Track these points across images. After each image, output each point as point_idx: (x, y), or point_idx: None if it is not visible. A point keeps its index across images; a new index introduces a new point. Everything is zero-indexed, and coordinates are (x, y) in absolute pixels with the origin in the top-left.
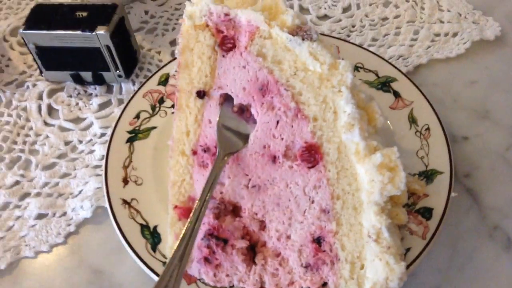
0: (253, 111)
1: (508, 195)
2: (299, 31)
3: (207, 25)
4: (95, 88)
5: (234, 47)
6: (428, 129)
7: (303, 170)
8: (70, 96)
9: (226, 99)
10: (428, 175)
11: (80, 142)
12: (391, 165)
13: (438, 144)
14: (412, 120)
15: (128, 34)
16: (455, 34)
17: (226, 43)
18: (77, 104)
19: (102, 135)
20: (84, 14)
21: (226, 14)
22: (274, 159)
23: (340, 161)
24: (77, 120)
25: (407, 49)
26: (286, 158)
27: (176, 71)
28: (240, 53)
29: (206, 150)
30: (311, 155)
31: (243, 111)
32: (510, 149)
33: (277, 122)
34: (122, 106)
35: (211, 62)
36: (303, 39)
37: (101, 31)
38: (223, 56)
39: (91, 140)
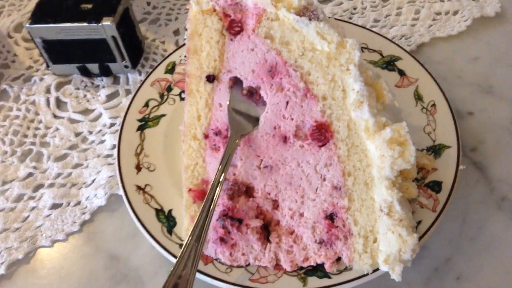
0: (262, 93)
1: None
2: (305, 12)
3: (214, 10)
4: (102, 80)
5: (242, 30)
6: (434, 105)
7: (314, 149)
8: (78, 89)
9: (236, 82)
10: (436, 150)
11: (90, 133)
12: (401, 139)
13: (444, 119)
14: (418, 97)
15: (133, 24)
16: (455, 12)
17: (233, 27)
18: (85, 96)
19: (112, 125)
20: (89, 6)
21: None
22: (285, 139)
23: (350, 138)
24: (86, 112)
25: (409, 28)
26: (297, 138)
27: (185, 56)
28: (248, 36)
29: (217, 133)
30: (321, 133)
31: (253, 93)
32: None
33: (287, 102)
34: (130, 96)
35: (220, 46)
36: (310, 19)
37: (107, 22)
38: (231, 39)
39: (101, 130)
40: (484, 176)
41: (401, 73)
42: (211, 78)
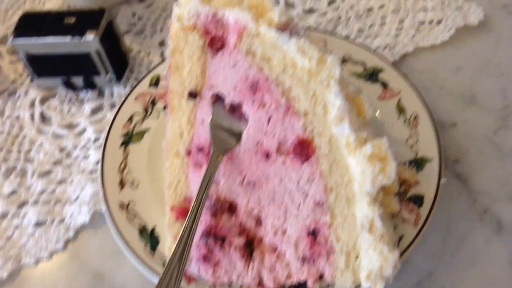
0: (245, 109)
1: (497, 178)
2: (286, 28)
3: (196, 26)
4: (87, 93)
5: (223, 46)
6: (416, 117)
7: (296, 164)
8: (62, 102)
9: (218, 98)
10: (418, 163)
11: (75, 147)
12: (382, 155)
13: (426, 132)
14: (400, 110)
15: (117, 37)
16: (439, 22)
17: (215, 43)
18: (69, 110)
19: (96, 139)
20: (72, 20)
21: (214, 15)
22: (267, 155)
23: (332, 154)
24: (70, 126)
25: (393, 38)
26: (279, 154)
27: (167, 73)
28: (230, 53)
29: (200, 150)
30: (304, 149)
31: (235, 109)
32: (498, 132)
33: (269, 118)
34: (115, 109)
35: (202, 63)
36: (290, 36)
37: (90, 36)
38: (213, 56)
39: (85, 145)
40: (466, 188)
41: (384, 85)
42: (193, 95)
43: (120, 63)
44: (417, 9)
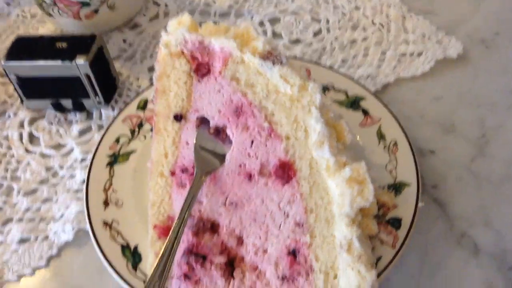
0: (228, 132)
1: (474, 203)
2: (269, 56)
3: (183, 53)
4: (76, 115)
5: (209, 72)
6: (395, 144)
7: (278, 186)
8: (51, 124)
9: (203, 121)
10: (397, 187)
11: (61, 167)
12: (360, 178)
13: (405, 158)
14: (380, 136)
15: (107, 62)
16: (420, 54)
17: (201, 69)
18: (57, 131)
19: (83, 160)
20: (64, 45)
21: (200, 42)
22: (250, 177)
23: (312, 177)
24: (58, 147)
25: (375, 69)
26: (261, 176)
27: (153, 96)
28: (215, 78)
29: (184, 170)
30: (285, 172)
31: (219, 132)
32: (475, 160)
33: (252, 141)
34: (102, 131)
35: (187, 87)
36: (273, 63)
37: (80, 60)
38: (199, 81)
39: (72, 165)
40: (444, 213)
41: (365, 112)
42: (178, 117)
43: (109, 86)
44: (399, 41)
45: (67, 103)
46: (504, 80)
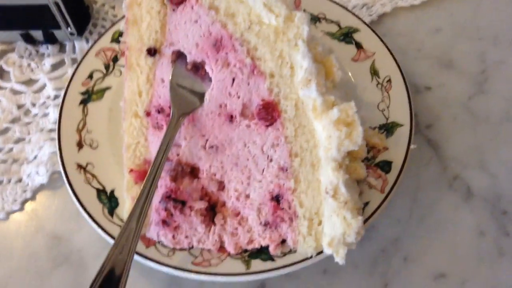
0: (207, 68)
1: (469, 144)
2: None
3: None
4: (47, 48)
5: (185, 0)
6: (389, 81)
7: (261, 128)
8: (22, 57)
9: (179, 56)
10: (389, 128)
11: (34, 105)
12: (349, 120)
13: (399, 96)
14: (374, 72)
15: None
16: None
17: None
18: (29, 65)
19: (56, 97)
20: None
21: None
22: (231, 118)
23: (298, 118)
24: (29, 82)
25: None
26: (243, 117)
27: (124, 28)
28: (191, 7)
29: (160, 111)
30: (269, 113)
31: (198, 68)
32: (473, 98)
33: (233, 79)
34: (75, 66)
35: (161, 17)
36: None
37: None
38: (173, 10)
39: (44, 102)
40: (437, 155)
41: (358, 46)
42: (152, 52)
43: (81, 16)
44: None
45: (37, 34)
46: (508, 12)
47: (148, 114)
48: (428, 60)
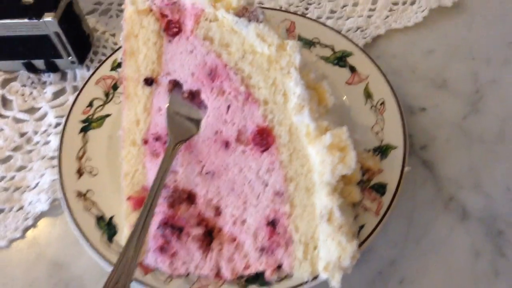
0: (203, 96)
1: (464, 165)
2: (245, 13)
3: (151, 10)
4: (49, 76)
5: (180, 31)
6: (383, 103)
7: (256, 154)
8: (24, 86)
9: (175, 85)
10: (383, 150)
11: (36, 133)
12: (342, 144)
13: (392, 119)
14: (368, 95)
15: (78, 18)
16: (413, 2)
17: (171, 28)
18: (31, 93)
19: (58, 124)
20: (31, 0)
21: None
22: (227, 144)
23: (292, 143)
24: (31, 110)
25: (365, 20)
26: (239, 143)
27: (122, 58)
28: (187, 38)
29: (157, 138)
30: (263, 138)
31: (194, 96)
32: (467, 118)
33: (228, 106)
34: (76, 94)
35: (157, 48)
36: (249, 21)
37: (48, 18)
38: (169, 41)
39: (46, 130)
40: (432, 175)
41: (352, 69)
42: (149, 81)
43: (82, 45)
44: None
45: (39, 63)
46: (500, 31)
47: (145, 142)
48: (422, 81)
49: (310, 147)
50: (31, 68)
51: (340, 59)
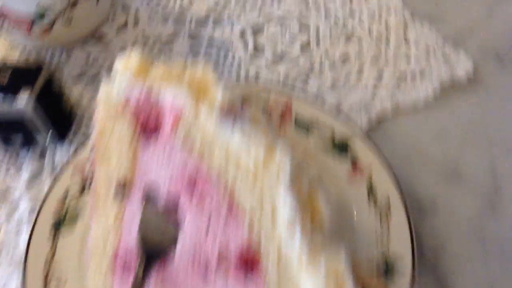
0: (181, 207)
1: (480, 280)
2: (229, 116)
3: (125, 109)
4: (28, 151)
5: (157, 135)
6: (388, 204)
7: (239, 282)
8: (1, 161)
9: (150, 196)
10: (388, 269)
11: (8, 221)
12: (339, 281)
13: (399, 224)
14: (370, 190)
15: (59, 94)
16: (422, 73)
17: (147, 131)
18: (7, 170)
19: (32, 212)
20: (5, 77)
21: (147, 95)
22: (206, 269)
23: (281, 271)
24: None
25: (370, 95)
26: (220, 269)
27: (91, 161)
28: (164, 143)
29: (128, 255)
30: (248, 264)
31: (170, 210)
32: (484, 221)
33: (208, 225)
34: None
35: (132, 153)
36: (234, 125)
37: (24, 96)
38: (145, 145)
39: (18, 224)
40: None
41: (354, 160)
42: (121, 190)
43: (63, 121)
44: (399, 56)
45: (17, 138)
46: None
47: (115, 257)
48: (433, 173)
49: (303, 274)
50: (8, 142)
51: (341, 147)
